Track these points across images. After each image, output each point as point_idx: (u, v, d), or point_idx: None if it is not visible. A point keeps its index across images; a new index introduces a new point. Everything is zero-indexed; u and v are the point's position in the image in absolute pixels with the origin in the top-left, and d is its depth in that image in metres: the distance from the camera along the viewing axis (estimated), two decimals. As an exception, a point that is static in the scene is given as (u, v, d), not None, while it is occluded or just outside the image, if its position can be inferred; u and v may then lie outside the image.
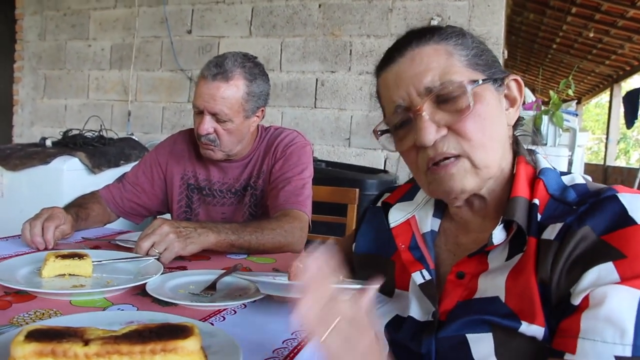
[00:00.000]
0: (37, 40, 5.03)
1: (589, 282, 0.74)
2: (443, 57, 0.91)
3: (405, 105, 0.92)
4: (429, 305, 0.95)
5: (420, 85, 0.89)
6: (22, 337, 0.67)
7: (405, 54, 0.93)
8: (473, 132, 0.87)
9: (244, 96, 1.75)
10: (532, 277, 0.81)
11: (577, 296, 0.75)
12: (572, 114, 4.65)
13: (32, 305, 1.02)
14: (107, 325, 0.76)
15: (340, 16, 3.93)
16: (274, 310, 1.06)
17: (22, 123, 5.14)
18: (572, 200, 0.85)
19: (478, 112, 0.88)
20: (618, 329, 0.70)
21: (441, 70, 0.89)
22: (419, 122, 0.88)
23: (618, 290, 0.72)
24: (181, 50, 4.44)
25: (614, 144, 11.23)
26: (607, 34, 7.37)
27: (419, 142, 0.89)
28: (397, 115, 0.94)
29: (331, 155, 3.97)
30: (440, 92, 0.88)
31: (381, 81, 0.98)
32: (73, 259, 1.20)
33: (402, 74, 0.92)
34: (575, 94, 10.35)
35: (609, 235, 0.76)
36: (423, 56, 0.91)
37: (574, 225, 0.79)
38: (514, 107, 0.96)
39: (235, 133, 1.79)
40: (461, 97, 0.87)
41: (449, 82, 0.88)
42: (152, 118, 4.58)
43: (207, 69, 1.74)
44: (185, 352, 0.69)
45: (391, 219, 1.08)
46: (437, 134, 0.88)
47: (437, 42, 0.92)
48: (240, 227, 1.55)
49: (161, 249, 1.34)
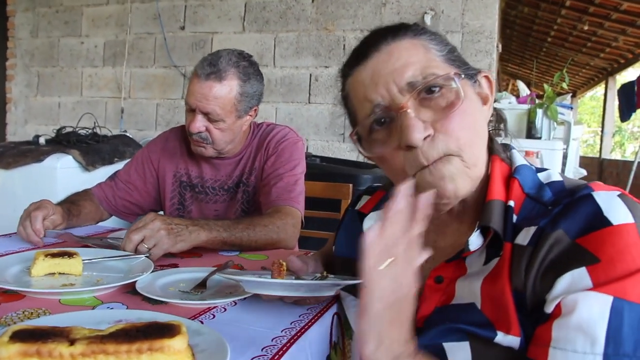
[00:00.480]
0: (29, 37, 5.00)
1: (562, 289, 0.72)
2: (421, 51, 0.87)
3: (385, 104, 0.86)
4: None
5: (402, 80, 0.84)
6: (7, 337, 0.66)
7: (381, 49, 0.87)
8: (461, 129, 0.83)
9: (237, 96, 1.73)
10: (506, 284, 0.79)
11: (550, 303, 0.73)
12: (567, 107, 4.66)
13: (21, 305, 1.01)
14: (94, 325, 0.76)
15: (333, 11, 3.93)
16: (264, 307, 1.06)
17: (16, 121, 5.12)
18: (547, 200, 0.83)
19: (464, 108, 0.83)
20: (589, 337, 0.68)
21: (421, 65, 0.85)
22: (405, 120, 0.82)
23: (589, 298, 0.69)
24: (174, 46, 4.42)
25: (609, 136, 11.25)
26: (602, 27, 7.37)
27: (405, 141, 0.82)
28: (374, 115, 0.87)
29: (325, 150, 3.96)
30: (424, 87, 0.84)
31: (352, 80, 0.92)
32: (63, 257, 1.19)
33: (379, 70, 0.86)
34: (570, 87, 10.39)
35: (583, 238, 0.74)
36: (401, 50, 0.86)
37: (547, 229, 0.77)
38: (486, 105, 0.92)
39: (227, 132, 1.78)
40: (447, 91, 0.84)
41: (432, 75, 0.84)
42: (146, 115, 4.57)
43: (200, 67, 1.71)
44: (172, 350, 0.69)
45: (365, 229, 1.06)
46: (425, 132, 0.82)
47: (412, 37, 0.88)
48: (232, 224, 1.54)
49: (150, 245, 1.33)
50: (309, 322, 0.99)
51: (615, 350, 0.67)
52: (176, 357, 0.70)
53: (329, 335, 1.05)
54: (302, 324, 0.98)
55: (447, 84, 0.84)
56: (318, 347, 0.99)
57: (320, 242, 1.63)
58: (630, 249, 0.70)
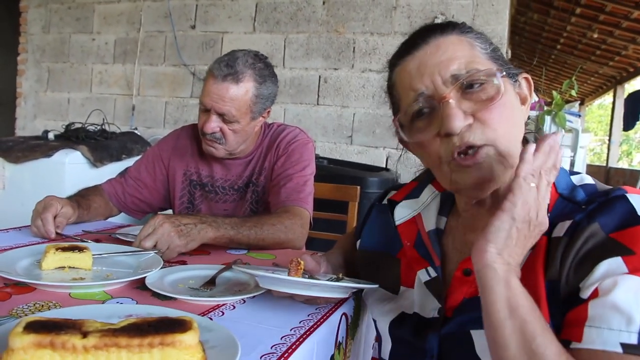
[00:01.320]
0: (41, 33, 5.02)
1: (599, 275, 0.74)
2: (467, 47, 0.91)
3: (428, 93, 0.90)
4: (435, 302, 0.95)
5: (447, 72, 0.88)
6: (21, 328, 0.67)
7: (429, 42, 0.91)
8: (499, 121, 0.86)
9: (253, 98, 1.74)
10: (540, 275, 0.81)
11: (587, 289, 0.75)
12: (575, 114, 4.64)
13: (31, 297, 1.02)
14: (105, 318, 0.76)
15: (344, 13, 3.93)
16: (272, 306, 1.06)
17: (25, 116, 5.15)
18: (580, 200, 0.85)
19: (503, 102, 0.87)
20: (625, 316, 0.70)
21: (466, 60, 0.89)
22: (446, 109, 0.86)
23: (626, 279, 0.72)
24: (185, 45, 4.43)
25: (617, 145, 11.19)
26: (611, 35, 7.34)
27: (445, 129, 0.86)
28: (417, 104, 0.91)
29: (333, 152, 3.96)
30: (467, 80, 0.87)
31: (400, 70, 0.95)
32: (73, 251, 1.20)
33: (426, 62, 0.90)
34: (578, 94, 10.34)
35: (617, 234, 0.76)
36: (448, 44, 0.91)
37: (583, 222, 0.80)
38: (524, 105, 0.96)
39: (241, 133, 1.78)
40: (489, 85, 0.87)
41: (475, 70, 0.88)
42: (155, 113, 4.58)
43: (217, 68, 1.71)
44: (183, 345, 0.70)
45: (397, 217, 1.09)
46: (465, 121, 0.86)
47: (459, 34, 0.93)
48: (239, 222, 1.54)
49: (163, 248, 1.34)
50: (317, 322, 1.00)
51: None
52: (187, 352, 0.70)
53: (335, 335, 1.06)
54: (311, 323, 0.98)
55: (489, 79, 0.88)
56: (324, 346, 1.00)
57: (327, 243, 1.63)
58: None
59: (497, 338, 0.73)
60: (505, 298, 0.74)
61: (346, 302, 1.14)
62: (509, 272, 0.76)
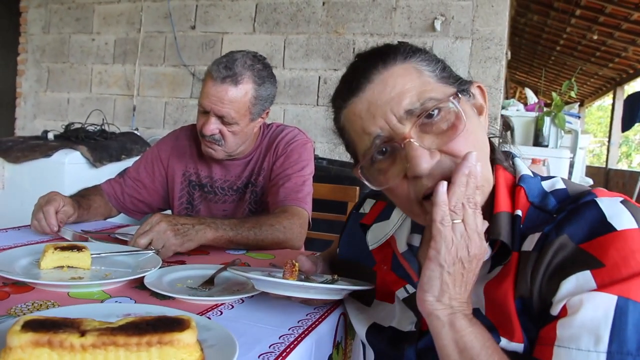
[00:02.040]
0: (41, 33, 5.03)
1: (567, 291, 0.73)
2: (415, 75, 0.84)
3: (385, 134, 0.83)
4: (412, 316, 0.94)
5: (400, 109, 0.82)
6: (19, 327, 0.67)
7: (373, 79, 0.84)
8: (467, 149, 0.80)
9: (252, 100, 1.73)
10: (509, 291, 0.79)
11: (556, 306, 0.73)
12: (575, 116, 4.64)
13: (30, 296, 1.02)
14: (103, 317, 0.76)
15: (344, 14, 3.93)
16: (271, 305, 1.06)
17: (25, 116, 5.15)
18: (552, 208, 0.83)
19: (466, 128, 0.81)
20: (593, 335, 0.68)
21: (417, 90, 0.83)
22: (411, 151, 0.80)
23: (594, 297, 0.70)
24: (185, 45, 4.44)
25: (616, 147, 11.20)
26: (611, 37, 7.35)
27: (413, 172, 0.80)
28: (375, 148, 0.85)
29: (332, 153, 3.96)
30: (423, 113, 0.81)
31: (347, 113, 0.89)
32: (72, 251, 1.20)
33: (375, 101, 0.83)
34: (577, 96, 10.35)
35: (587, 244, 0.74)
36: (395, 77, 0.84)
37: (551, 235, 0.77)
38: (482, 115, 0.91)
39: (240, 135, 1.78)
40: (447, 113, 0.83)
41: (429, 99, 0.82)
42: (155, 113, 4.58)
43: (216, 69, 1.70)
44: (181, 344, 0.70)
45: (370, 241, 1.07)
46: (432, 159, 0.81)
47: (402, 61, 0.86)
48: (238, 223, 1.55)
49: (159, 246, 1.35)
50: (315, 321, 1.00)
51: (619, 348, 0.67)
52: (185, 350, 0.70)
53: (333, 335, 1.06)
54: (309, 323, 0.98)
55: (445, 106, 0.82)
56: (322, 346, 1.00)
57: (326, 244, 1.63)
58: (635, 254, 0.71)
59: None
60: (453, 341, 0.75)
61: (344, 302, 1.13)
62: (453, 315, 0.76)
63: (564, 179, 0.90)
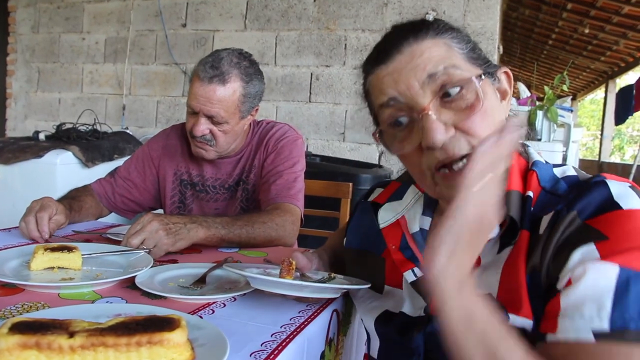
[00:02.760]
0: (30, 33, 4.99)
1: (572, 264, 0.74)
2: (443, 50, 0.88)
3: (405, 101, 0.87)
4: (421, 301, 0.95)
5: (423, 74, 0.85)
6: (6, 329, 0.66)
7: (403, 51, 0.88)
8: (482, 129, 0.83)
9: (240, 98, 1.73)
10: (521, 268, 0.81)
11: (562, 280, 0.75)
12: (567, 109, 4.65)
13: (20, 298, 1.01)
14: (94, 318, 0.76)
15: (335, 10, 3.92)
16: (263, 303, 1.06)
17: (16, 116, 5.12)
18: (562, 192, 0.85)
19: (485, 108, 0.84)
20: (595, 303, 0.69)
21: (444, 64, 0.86)
22: (427, 122, 0.83)
23: (596, 266, 0.71)
24: (175, 43, 4.42)
25: (609, 140, 11.26)
26: (603, 30, 7.37)
27: (427, 143, 0.83)
28: (395, 112, 0.89)
29: (325, 149, 3.96)
30: (444, 82, 0.84)
31: (373, 78, 0.93)
32: (62, 251, 1.19)
33: (400, 69, 0.87)
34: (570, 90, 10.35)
35: (594, 220, 0.76)
36: (423, 50, 0.87)
37: (563, 212, 0.79)
38: (505, 100, 0.94)
39: (231, 133, 1.78)
40: (469, 93, 0.85)
41: (453, 67, 0.85)
42: (146, 112, 4.56)
43: (203, 70, 1.69)
44: (171, 344, 0.69)
45: (381, 220, 1.08)
46: (446, 134, 0.83)
47: (433, 36, 0.89)
48: (230, 221, 1.54)
49: (150, 246, 1.34)
50: (308, 319, 0.99)
51: (622, 314, 0.68)
52: (175, 350, 0.70)
53: (325, 332, 1.06)
54: (302, 320, 0.98)
55: (468, 85, 0.85)
56: (315, 343, 0.99)
57: (319, 241, 1.63)
58: (639, 230, 0.73)
59: (460, 350, 0.71)
60: (461, 308, 0.72)
61: (337, 299, 1.13)
62: (462, 278, 0.74)
63: (575, 167, 0.92)
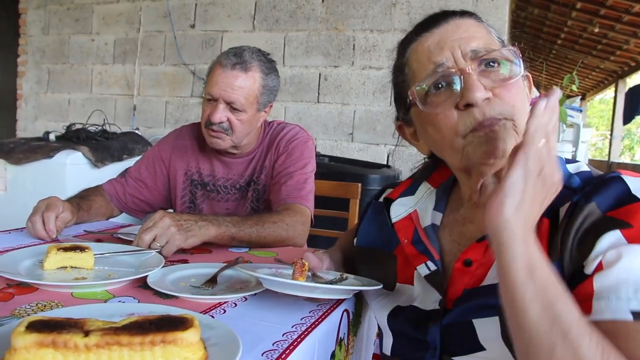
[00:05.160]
0: (40, 34, 5.03)
1: (600, 249, 0.74)
2: (484, 31, 0.94)
3: (448, 65, 0.90)
4: (436, 294, 0.96)
5: (467, 47, 0.90)
6: (23, 327, 0.67)
7: (449, 21, 0.94)
8: (516, 98, 0.88)
9: (260, 88, 1.77)
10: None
11: (590, 265, 0.74)
12: (576, 109, 4.64)
13: (33, 297, 1.02)
14: (107, 317, 0.76)
15: (343, 11, 3.92)
16: (274, 303, 1.06)
17: (26, 117, 5.15)
18: (576, 187, 0.86)
19: (519, 83, 0.90)
20: (631, 285, 0.69)
21: (485, 41, 0.91)
22: (468, 80, 0.87)
23: (630, 249, 0.72)
24: (184, 44, 4.43)
25: (619, 140, 11.18)
26: (613, 30, 7.32)
27: (467, 99, 0.86)
28: (435, 75, 0.91)
29: (334, 150, 3.96)
30: (487, 57, 0.89)
31: (416, 45, 0.96)
32: (75, 251, 1.20)
33: (446, 37, 0.92)
34: (579, 89, 10.32)
35: (614, 212, 0.77)
36: (469, 26, 0.93)
37: (580, 202, 0.80)
38: None
39: (247, 124, 1.79)
40: (506, 65, 0.90)
41: (494, 50, 0.90)
42: (155, 112, 4.58)
43: (225, 57, 1.74)
44: (185, 343, 0.70)
45: (393, 214, 1.09)
46: (485, 94, 0.87)
47: (476, 19, 0.96)
48: (241, 220, 1.55)
49: (162, 242, 1.35)
50: (319, 319, 1.00)
51: None
52: (189, 349, 0.70)
53: (336, 332, 1.06)
54: (313, 320, 0.98)
55: (507, 60, 0.90)
56: (325, 343, 1.00)
57: (329, 241, 1.63)
58: None
59: (517, 301, 0.69)
60: (524, 256, 0.70)
61: (348, 299, 1.14)
62: (527, 229, 0.72)
63: (587, 164, 0.93)
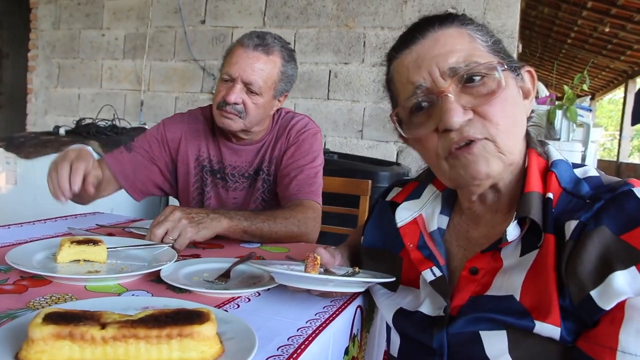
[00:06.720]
0: (51, 29, 5.04)
1: (619, 288, 0.72)
2: (466, 40, 0.89)
3: (427, 86, 0.87)
4: (441, 300, 0.94)
5: (445, 65, 0.86)
6: (40, 319, 0.67)
7: (427, 35, 0.89)
8: (500, 116, 0.84)
9: (279, 74, 1.74)
10: (551, 275, 0.79)
11: (607, 301, 0.73)
12: (586, 109, 4.60)
13: (47, 290, 1.02)
14: (123, 310, 0.76)
15: (354, 7, 3.92)
16: (287, 299, 1.06)
17: (36, 112, 5.17)
18: (585, 194, 0.83)
19: (504, 96, 0.85)
20: None
21: (465, 53, 0.86)
22: (445, 104, 0.84)
23: None
24: (195, 40, 4.44)
25: (628, 140, 11.12)
26: (623, 29, 7.27)
27: (444, 124, 0.84)
28: (415, 97, 0.89)
29: (344, 147, 3.96)
30: (467, 73, 0.85)
31: (397, 64, 0.93)
32: (88, 244, 1.20)
33: (424, 55, 0.88)
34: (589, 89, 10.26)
35: (628, 235, 0.74)
36: (447, 38, 0.88)
37: (590, 224, 0.77)
38: (528, 99, 0.94)
39: (262, 109, 1.75)
40: (489, 79, 0.85)
41: (475, 63, 0.85)
42: (165, 108, 4.59)
43: (248, 38, 1.71)
44: (201, 337, 0.70)
45: (398, 219, 1.07)
46: (464, 116, 0.84)
47: (458, 26, 0.90)
48: (253, 215, 1.54)
49: (175, 236, 1.34)
50: (333, 314, 0.99)
51: None
52: (205, 343, 0.70)
53: (350, 327, 1.06)
54: (327, 316, 0.98)
55: (489, 72, 0.85)
56: (339, 338, 1.00)
57: (339, 238, 1.63)
58: None
59: None
60: None
61: (361, 295, 1.13)
62: None
63: (595, 168, 0.91)
